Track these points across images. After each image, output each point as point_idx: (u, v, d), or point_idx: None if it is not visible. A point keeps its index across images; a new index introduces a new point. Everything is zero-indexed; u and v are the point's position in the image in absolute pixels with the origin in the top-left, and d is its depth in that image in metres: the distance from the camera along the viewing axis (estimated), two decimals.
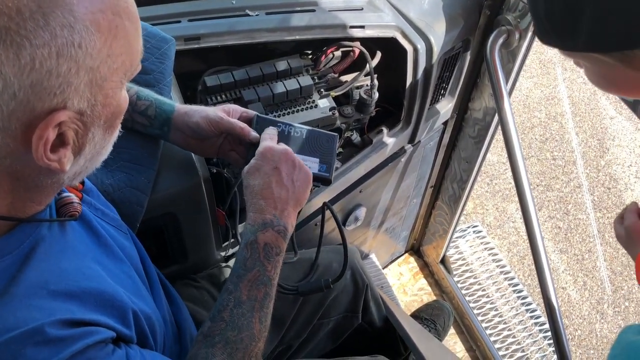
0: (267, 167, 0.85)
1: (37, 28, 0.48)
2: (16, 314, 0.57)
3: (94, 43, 0.52)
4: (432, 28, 1.31)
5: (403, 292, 2.18)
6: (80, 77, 0.53)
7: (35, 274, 0.60)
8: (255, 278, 0.81)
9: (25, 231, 0.62)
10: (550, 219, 2.59)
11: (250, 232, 0.83)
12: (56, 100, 0.52)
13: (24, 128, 0.52)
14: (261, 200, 0.84)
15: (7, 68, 0.48)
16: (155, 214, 1.01)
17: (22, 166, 0.56)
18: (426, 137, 1.61)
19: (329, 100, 1.26)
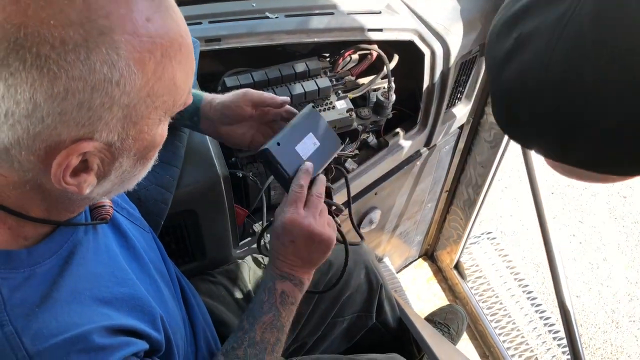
0: (285, 239, 0.85)
1: (77, 61, 0.47)
2: (58, 319, 0.58)
3: (134, 82, 0.51)
4: (450, 32, 1.32)
5: (417, 297, 2.18)
6: (113, 112, 0.52)
7: (74, 280, 0.62)
8: (270, 322, 0.84)
9: (64, 235, 0.64)
10: (565, 227, 2.58)
11: (269, 278, 0.87)
12: (84, 130, 0.51)
13: (48, 150, 0.52)
14: (278, 260, 0.87)
15: (39, 94, 0.47)
16: (175, 210, 1.02)
17: (44, 181, 0.56)
18: (442, 141, 1.62)
19: (346, 101, 1.28)
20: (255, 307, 0.86)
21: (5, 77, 0.46)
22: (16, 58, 0.46)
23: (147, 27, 0.50)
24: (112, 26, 0.48)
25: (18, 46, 0.45)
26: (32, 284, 0.58)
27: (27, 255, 0.59)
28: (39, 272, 0.60)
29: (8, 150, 0.51)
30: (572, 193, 2.71)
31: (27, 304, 0.57)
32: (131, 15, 0.49)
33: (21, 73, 0.46)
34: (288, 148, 0.91)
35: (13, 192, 0.57)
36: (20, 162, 0.52)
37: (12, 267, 0.58)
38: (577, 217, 2.62)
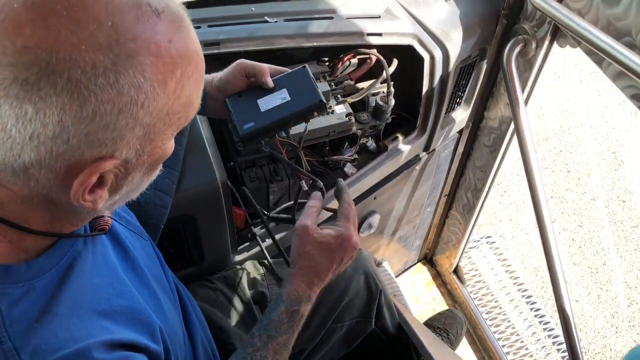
0: (338, 255, 0.86)
1: (107, 85, 0.48)
2: (57, 334, 0.57)
3: (156, 103, 0.52)
4: (449, 36, 1.32)
5: (416, 301, 2.17)
6: (135, 132, 0.53)
7: (73, 293, 0.61)
8: (284, 343, 0.82)
9: (63, 247, 0.63)
10: (564, 231, 2.57)
11: (296, 301, 0.84)
12: (106, 150, 0.52)
13: (68, 169, 0.52)
14: (316, 279, 0.86)
15: (68, 117, 0.48)
16: (174, 215, 1.02)
17: (58, 197, 0.56)
18: (441, 145, 1.62)
19: (345, 106, 1.28)
20: (271, 326, 0.82)
21: (35, 100, 0.46)
22: (47, 82, 0.46)
23: (169, 48, 0.51)
24: (138, 49, 0.49)
25: (49, 71, 0.46)
26: (31, 299, 0.58)
27: (27, 269, 0.59)
28: (38, 285, 0.59)
29: (27, 169, 0.51)
30: (572, 197, 2.71)
31: (26, 319, 0.56)
32: (155, 37, 0.50)
33: (51, 97, 0.47)
34: (249, 100, 0.92)
35: (18, 206, 0.57)
36: (37, 180, 0.53)
37: (12, 282, 0.57)
38: (576, 221, 2.61)
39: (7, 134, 0.48)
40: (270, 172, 1.24)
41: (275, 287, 1.22)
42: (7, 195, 0.55)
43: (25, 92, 0.46)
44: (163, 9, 0.52)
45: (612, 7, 1.08)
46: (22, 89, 0.46)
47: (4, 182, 0.54)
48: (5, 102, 0.47)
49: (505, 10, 1.35)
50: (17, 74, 0.46)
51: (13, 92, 0.46)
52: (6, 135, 0.48)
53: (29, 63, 0.46)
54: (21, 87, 0.46)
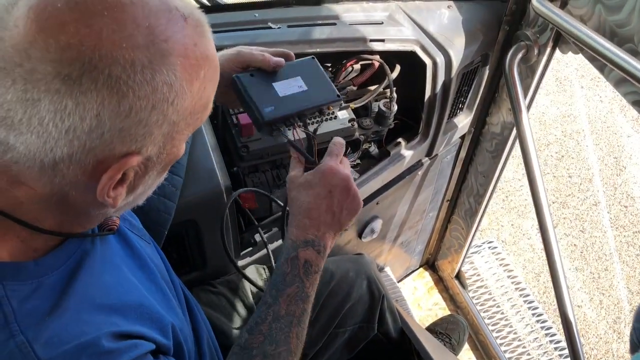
0: (322, 190, 0.82)
1: (144, 82, 0.51)
2: (68, 328, 0.59)
3: (184, 101, 0.55)
4: (452, 42, 1.32)
5: (418, 307, 2.17)
6: (162, 129, 0.56)
7: (82, 289, 0.63)
8: (295, 294, 0.80)
9: (71, 246, 0.65)
10: (566, 237, 2.57)
11: (292, 247, 0.82)
12: (135, 146, 0.55)
13: (96, 164, 0.54)
14: (306, 219, 0.82)
15: (106, 111, 0.50)
16: (177, 220, 1.03)
17: (79, 195, 0.58)
18: (443, 151, 1.62)
19: (348, 112, 1.28)
20: (277, 280, 0.81)
21: (76, 95, 0.49)
22: (89, 78, 0.48)
23: (195, 50, 0.55)
24: (170, 49, 0.52)
25: (92, 67, 0.48)
26: (41, 295, 0.59)
27: (35, 267, 0.60)
28: (47, 282, 0.60)
29: (57, 164, 0.53)
30: (574, 202, 2.71)
31: (37, 314, 0.58)
32: (184, 40, 0.54)
33: (92, 92, 0.49)
34: (263, 81, 0.88)
35: (35, 206, 0.58)
36: (64, 176, 0.54)
37: (21, 279, 0.59)
38: (578, 227, 2.61)
39: (43, 127, 0.50)
40: (274, 178, 1.25)
41: None
42: (26, 194, 0.57)
43: (67, 87, 0.48)
44: (189, 14, 0.55)
45: (614, 14, 1.08)
46: (64, 84, 0.48)
47: (27, 180, 0.55)
48: (46, 96, 0.48)
49: (508, 16, 1.36)
50: (60, 70, 0.48)
51: (54, 87, 0.48)
52: (42, 129, 0.50)
53: (72, 59, 0.48)
54: (63, 82, 0.48)
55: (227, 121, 1.19)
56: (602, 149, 2.96)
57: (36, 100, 0.49)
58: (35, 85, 0.48)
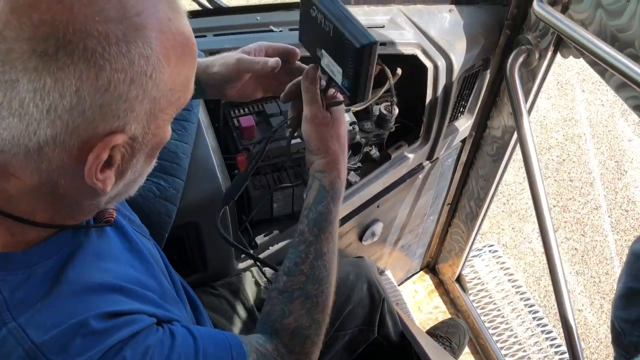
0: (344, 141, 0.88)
1: (119, 54, 0.51)
2: (62, 310, 0.59)
3: (162, 76, 0.55)
4: (453, 46, 1.33)
5: (418, 310, 2.17)
6: (143, 105, 0.55)
7: (76, 273, 0.62)
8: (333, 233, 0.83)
9: (64, 238, 0.65)
10: (567, 240, 2.57)
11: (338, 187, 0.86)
12: (118, 123, 0.54)
13: (81, 145, 0.54)
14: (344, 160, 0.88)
15: (85, 86, 0.50)
16: (178, 223, 1.03)
17: (67, 182, 0.57)
18: (444, 154, 1.62)
19: (349, 115, 1.28)
20: (318, 218, 0.83)
21: (53, 71, 0.49)
22: (65, 52, 0.48)
23: (169, 25, 0.55)
24: (144, 23, 0.52)
25: (66, 41, 0.48)
26: (33, 283, 0.60)
27: (24, 257, 0.60)
28: (38, 272, 0.61)
29: (41, 148, 0.53)
30: (575, 206, 2.71)
31: (29, 301, 0.58)
32: (157, 14, 0.54)
33: (69, 67, 0.49)
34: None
35: (24, 198, 0.58)
36: (50, 160, 0.54)
37: (11, 269, 0.59)
38: (579, 230, 2.61)
39: (24, 109, 0.50)
40: (275, 180, 1.25)
41: None
42: (15, 186, 0.57)
43: (44, 63, 0.48)
44: None
45: (615, 19, 1.08)
46: (41, 60, 0.48)
47: (15, 170, 0.55)
48: (24, 75, 0.48)
49: (509, 20, 1.36)
50: (36, 47, 0.48)
51: (32, 65, 0.48)
52: (24, 110, 0.50)
53: (47, 35, 0.48)
54: (40, 58, 0.48)
55: (229, 124, 1.19)
56: (603, 153, 2.96)
57: (15, 81, 0.49)
58: (13, 66, 0.48)
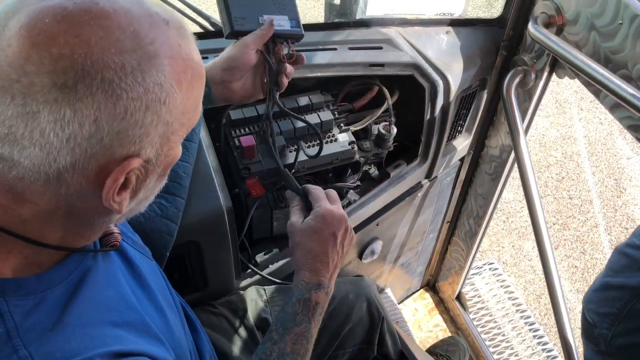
0: (326, 232, 0.89)
1: (135, 83, 0.53)
2: (71, 342, 0.60)
3: (175, 100, 0.57)
4: (450, 67, 1.35)
5: (418, 328, 2.17)
6: (157, 129, 0.57)
7: (84, 305, 0.64)
8: (302, 333, 0.85)
9: (73, 261, 0.66)
10: (567, 258, 2.57)
11: (305, 289, 0.88)
12: (134, 148, 0.56)
13: (98, 170, 0.56)
14: (318, 263, 0.89)
15: (103, 115, 0.52)
16: (179, 242, 1.04)
17: (83, 204, 0.59)
18: (443, 173, 1.64)
19: (348, 134, 1.30)
20: (287, 318, 0.86)
21: (72, 101, 0.51)
22: (83, 84, 0.51)
23: (180, 51, 0.58)
24: (157, 51, 0.55)
25: (85, 73, 0.51)
26: (44, 310, 0.60)
27: (37, 282, 0.61)
28: (49, 297, 0.61)
29: (61, 174, 0.55)
30: (575, 224, 2.72)
31: (39, 329, 0.59)
32: (168, 41, 0.57)
33: (88, 97, 0.51)
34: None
35: (37, 222, 0.59)
36: (69, 185, 0.56)
37: (23, 294, 0.60)
38: (579, 248, 2.61)
39: (45, 139, 0.52)
40: (275, 199, 1.26)
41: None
42: (31, 211, 0.58)
43: (64, 95, 0.50)
44: (170, 18, 0.58)
45: (609, 41, 1.11)
46: (61, 92, 0.50)
47: (32, 196, 0.57)
48: (44, 107, 0.51)
49: (505, 42, 1.38)
50: (56, 79, 0.50)
51: (52, 97, 0.50)
52: (44, 140, 0.52)
53: (66, 68, 0.50)
54: (60, 90, 0.50)
55: (229, 143, 1.21)
56: (602, 171, 2.98)
57: (36, 113, 0.51)
58: (34, 98, 0.50)
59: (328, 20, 1.66)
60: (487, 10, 3.90)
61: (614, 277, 1.11)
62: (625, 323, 1.08)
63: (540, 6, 1.23)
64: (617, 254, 1.13)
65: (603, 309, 1.12)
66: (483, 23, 1.48)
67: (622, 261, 1.10)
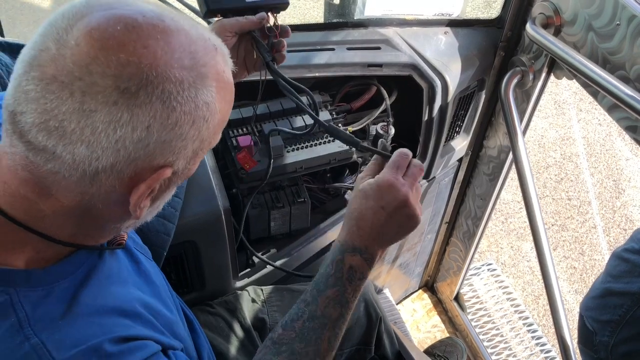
0: (374, 203, 0.80)
1: (189, 99, 0.57)
2: (80, 330, 0.62)
3: (214, 120, 0.61)
4: (448, 67, 1.35)
5: (416, 329, 2.16)
6: (194, 144, 0.60)
7: (92, 296, 0.65)
8: (334, 296, 0.80)
9: (81, 257, 0.67)
10: (566, 259, 2.57)
11: (339, 250, 0.82)
12: (171, 158, 0.59)
13: (133, 175, 0.58)
14: (355, 227, 0.82)
15: (156, 123, 0.55)
16: (176, 241, 1.04)
17: (104, 206, 0.61)
18: (441, 173, 1.64)
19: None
20: (319, 280, 0.81)
21: (132, 107, 0.53)
22: (145, 92, 0.53)
23: (223, 76, 0.61)
24: (207, 73, 0.59)
25: (148, 82, 0.53)
26: (52, 300, 0.62)
27: (45, 274, 0.63)
28: (57, 289, 0.63)
29: (98, 174, 0.56)
30: (573, 225, 2.72)
31: (49, 318, 0.60)
32: (216, 66, 0.60)
33: (147, 105, 0.54)
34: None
35: (55, 218, 0.61)
36: (100, 186, 0.58)
37: (32, 285, 0.61)
38: (577, 249, 2.61)
39: (94, 137, 0.54)
40: (272, 199, 1.26)
41: (276, 313, 1.23)
42: (52, 206, 0.59)
43: (124, 99, 0.53)
44: (218, 45, 0.62)
45: (606, 42, 1.11)
46: (122, 96, 0.53)
47: (58, 191, 0.58)
48: (103, 107, 0.53)
49: (503, 42, 1.38)
50: (119, 83, 0.52)
51: (112, 99, 0.53)
52: (94, 138, 0.54)
53: (132, 75, 0.53)
54: (121, 94, 0.53)
55: (227, 143, 1.21)
56: (601, 172, 2.98)
57: (92, 111, 0.52)
58: (94, 97, 0.52)
59: (327, 20, 1.66)
60: (486, 10, 3.90)
61: (614, 283, 1.09)
62: (627, 330, 1.06)
63: (538, 7, 1.23)
64: (615, 259, 1.11)
65: (604, 316, 1.10)
66: (481, 24, 1.48)
67: (622, 266, 1.08)
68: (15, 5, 3.66)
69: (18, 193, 0.58)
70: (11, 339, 0.58)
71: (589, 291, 1.18)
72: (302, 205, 1.28)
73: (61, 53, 0.52)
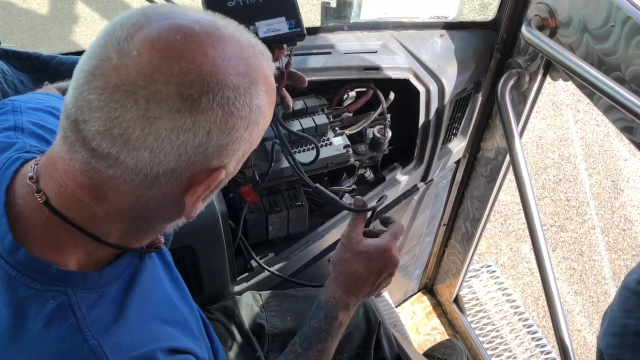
0: (376, 266, 0.91)
1: (245, 104, 0.58)
2: (132, 336, 0.64)
3: (263, 124, 0.63)
4: (444, 70, 1.35)
5: (416, 331, 2.16)
6: (244, 147, 0.62)
7: (139, 300, 0.67)
8: (323, 350, 0.88)
9: (126, 260, 0.69)
10: (565, 260, 2.57)
11: (334, 308, 0.90)
12: (226, 160, 0.61)
13: (190, 177, 0.59)
14: (354, 286, 0.91)
15: (216, 128, 0.56)
16: (174, 246, 1.04)
17: (157, 207, 0.62)
18: (439, 176, 1.64)
19: (343, 138, 1.30)
20: (311, 333, 0.89)
21: (194, 113, 0.55)
22: (207, 99, 0.55)
23: (270, 81, 0.63)
24: (259, 78, 0.60)
25: (209, 89, 0.55)
26: (105, 303, 0.64)
27: (99, 277, 0.64)
28: (109, 292, 0.65)
29: (158, 177, 0.58)
30: (572, 226, 2.72)
31: (104, 321, 0.62)
32: (265, 71, 0.62)
33: (208, 111, 0.55)
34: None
35: (107, 220, 0.62)
36: (159, 189, 0.59)
37: (87, 288, 0.63)
38: (576, 250, 2.62)
39: (157, 143, 0.55)
40: (270, 203, 1.26)
41: (274, 318, 1.22)
42: (105, 209, 0.61)
43: (187, 106, 0.54)
44: (264, 51, 0.64)
45: (601, 43, 1.11)
46: (185, 103, 0.54)
47: (114, 195, 0.59)
48: (167, 115, 0.54)
49: (499, 45, 1.39)
50: (182, 91, 0.54)
51: (176, 106, 0.54)
52: (157, 144, 0.55)
53: (193, 82, 0.54)
54: (184, 101, 0.54)
55: None
56: (599, 173, 2.98)
57: (156, 118, 0.54)
58: (158, 105, 0.53)
59: (324, 24, 1.66)
60: (482, 13, 3.91)
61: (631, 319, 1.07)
62: None
63: (534, 9, 1.23)
64: (627, 291, 1.08)
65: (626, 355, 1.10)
66: (477, 26, 1.48)
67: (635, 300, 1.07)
68: (12, 12, 3.67)
69: (74, 196, 0.60)
70: (71, 339, 0.60)
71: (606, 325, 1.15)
72: (300, 209, 1.28)
73: (124, 62, 0.53)
